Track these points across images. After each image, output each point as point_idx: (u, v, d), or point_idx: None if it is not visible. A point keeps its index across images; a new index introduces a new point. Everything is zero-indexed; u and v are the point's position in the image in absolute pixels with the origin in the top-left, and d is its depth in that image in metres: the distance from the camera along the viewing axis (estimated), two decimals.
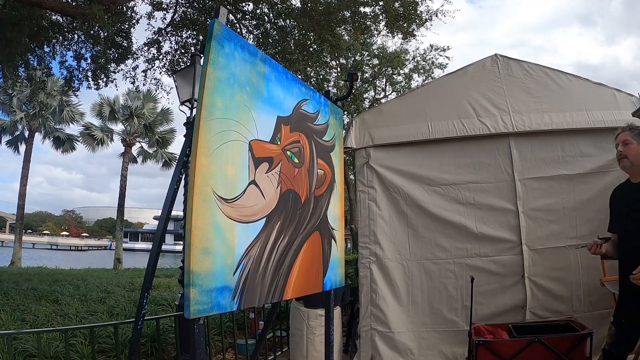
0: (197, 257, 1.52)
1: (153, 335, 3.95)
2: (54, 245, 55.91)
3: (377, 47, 13.81)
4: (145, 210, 78.53)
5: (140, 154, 22.25)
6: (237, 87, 1.81)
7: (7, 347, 2.90)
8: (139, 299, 2.20)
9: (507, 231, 3.54)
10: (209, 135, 1.63)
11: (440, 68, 14.24)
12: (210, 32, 1.69)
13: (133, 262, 22.05)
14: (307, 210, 2.32)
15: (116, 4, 6.37)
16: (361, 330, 3.68)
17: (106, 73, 8.16)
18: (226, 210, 1.69)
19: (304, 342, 3.69)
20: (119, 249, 19.28)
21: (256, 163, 1.90)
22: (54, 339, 3.84)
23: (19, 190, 19.57)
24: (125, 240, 36.70)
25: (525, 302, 3.44)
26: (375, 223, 3.74)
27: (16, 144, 21.28)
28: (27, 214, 30.10)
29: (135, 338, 2.22)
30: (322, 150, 2.53)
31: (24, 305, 5.71)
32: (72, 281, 8.75)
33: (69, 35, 7.55)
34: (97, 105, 20.35)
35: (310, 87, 2.54)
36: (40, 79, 9.06)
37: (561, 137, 3.61)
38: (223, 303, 1.64)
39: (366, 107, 14.19)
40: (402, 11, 7.49)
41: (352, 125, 3.94)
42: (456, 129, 3.68)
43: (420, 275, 3.65)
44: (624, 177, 3.53)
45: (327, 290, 2.53)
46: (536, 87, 3.71)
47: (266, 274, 1.92)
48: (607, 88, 3.74)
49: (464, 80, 3.83)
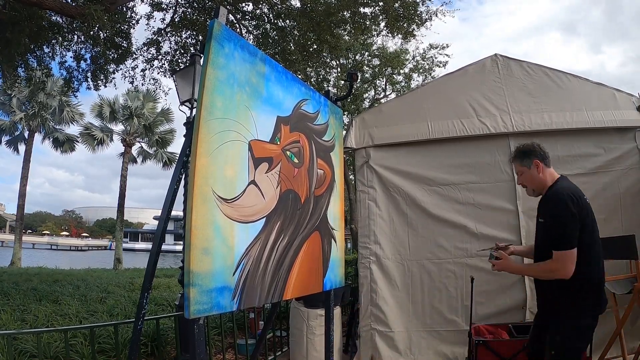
0: (197, 257, 1.52)
1: (153, 335, 3.94)
2: (53, 246, 55.89)
3: (377, 47, 13.83)
4: (145, 210, 78.49)
5: (140, 154, 22.26)
6: (237, 87, 1.81)
7: (7, 347, 2.90)
8: (139, 299, 2.20)
9: (507, 231, 3.54)
10: (209, 135, 1.63)
11: (440, 66, 14.26)
12: (210, 32, 1.69)
13: (133, 262, 22.03)
14: (307, 210, 2.32)
15: (116, 4, 6.37)
16: (361, 330, 3.68)
17: (105, 73, 8.17)
18: (226, 210, 1.69)
19: (304, 342, 3.69)
20: (119, 249, 19.27)
21: (256, 163, 1.91)
22: (54, 339, 3.84)
23: (19, 191, 19.55)
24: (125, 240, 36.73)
25: (525, 302, 3.44)
26: (375, 223, 3.74)
27: (16, 144, 21.29)
28: (27, 214, 30.09)
29: (135, 338, 2.22)
30: (322, 150, 2.53)
31: (24, 305, 5.71)
32: (72, 281, 8.75)
33: (68, 36, 7.55)
34: (97, 105, 20.35)
35: (310, 87, 2.54)
36: (40, 80, 9.07)
37: (561, 137, 3.61)
38: (223, 303, 1.64)
39: (366, 107, 14.19)
40: (402, 11, 7.49)
41: (352, 125, 3.94)
42: (456, 129, 3.68)
43: (420, 275, 3.65)
44: (624, 177, 3.56)
45: (327, 290, 2.53)
46: (536, 87, 3.72)
47: (266, 274, 1.92)
48: (607, 88, 3.74)
49: (463, 80, 3.84)
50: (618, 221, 3.50)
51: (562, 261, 1.93)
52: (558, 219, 1.97)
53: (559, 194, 2.02)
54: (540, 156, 2.16)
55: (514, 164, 2.26)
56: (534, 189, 2.21)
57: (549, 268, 1.99)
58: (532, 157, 2.16)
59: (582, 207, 1.99)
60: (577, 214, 1.95)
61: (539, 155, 2.16)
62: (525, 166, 2.19)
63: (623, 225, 3.44)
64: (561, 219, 1.95)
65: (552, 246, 1.97)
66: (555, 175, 2.17)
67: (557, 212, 1.98)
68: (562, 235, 1.94)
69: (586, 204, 2.03)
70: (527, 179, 2.21)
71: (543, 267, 2.04)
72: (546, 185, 2.14)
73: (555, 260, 1.96)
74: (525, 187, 2.25)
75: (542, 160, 2.15)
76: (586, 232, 1.99)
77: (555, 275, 1.97)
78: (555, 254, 1.96)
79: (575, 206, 1.96)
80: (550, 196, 2.08)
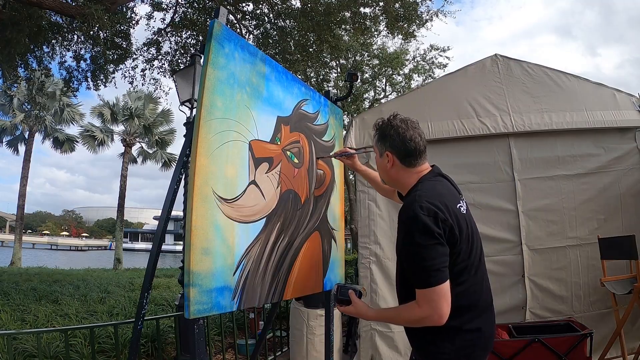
0: (197, 257, 1.52)
1: (153, 335, 3.95)
2: (53, 245, 55.91)
3: (377, 47, 13.83)
4: (145, 211, 78.51)
5: (140, 154, 22.28)
6: (237, 87, 1.81)
7: (7, 347, 2.90)
8: (139, 299, 2.20)
9: (507, 231, 3.54)
10: (209, 136, 1.63)
11: (440, 68, 14.26)
12: (210, 32, 1.69)
13: (133, 262, 22.06)
14: (307, 210, 2.32)
15: (116, 4, 6.37)
16: (361, 330, 3.68)
17: (105, 73, 8.18)
18: (226, 210, 1.69)
19: (304, 342, 3.69)
20: (119, 249, 19.28)
21: (256, 163, 1.90)
22: (54, 339, 3.84)
23: (19, 191, 19.57)
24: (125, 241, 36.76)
25: (525, 302, 3.44)
26: (375, 223, 3.74)
27: (16, 145, 21.31)
28: (26, 214, 30.10)
29: (135, 338, 2.22)
30: (322, 150, 2.52)
31: (24, 305, 5.71)
32: (72, 281, 8.75)
33: (68, 36, 7.56)
34: (97, 108, 20.38)
35: (310, 87, 2.54)
36: (40, 80, 9.08)
37: (561, 137, 3.61)
38: (223, 303, 1.64)
39: (366, 107, 14.19)
40: (403, 12, 7.49)
41: (352, 125, 3.94)
42: (456, 129, 3.68)
43: None
44: (624, 178, 3.56)
45: (327, 290, 2.53)
46: (536, 87, 3.72)
47: (266, 274, 1.92)
48: (607, 88, 3.74)
49: (464, 81, 3.84)
50: (618, 221, 3.50)
51: (430, 302, 1.34)
52: (415, 246, 1.35)
53: (413, 206, 1.37)
54: (398, 149, 1.52)
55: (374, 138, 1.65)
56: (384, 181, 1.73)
57: (416, 316, 1.38)
58: (386, 143, 1.55)
59: (452, 219, 1.38)
60: (444, 232, 1.35)
61: (396, 147, 1.52)
62: (378, 149, 1.61)
63: (623, 226, 3.45)
64: (419, 246, 1.34)
65: (414, 282, 1.38)
66: (424, 171, 1.55)
67: (412, 234, 1.35)
68: (424, 269, 1.33)
69: (458, 212, 1.45)
70: (378, 165, 1.65)
71: (406, 314, 1.43)
72: (404, 185, 1.56)
73: (420, 304, 1.36)
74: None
75: (398, 155, 1.53)
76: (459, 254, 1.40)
77: (425, 324, 1.37)
78: (419, 293, 1.36)
79: (441, 222, 1.35)
80: (405, 207, 1.42)
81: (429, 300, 1.34)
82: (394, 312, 1.56)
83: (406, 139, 1.51)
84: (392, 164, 1.55)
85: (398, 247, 1.45)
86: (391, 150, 1.54)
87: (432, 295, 1.33)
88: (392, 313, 1.60)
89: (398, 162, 1.54)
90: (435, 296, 1.33)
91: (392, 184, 1.67)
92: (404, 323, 1.51)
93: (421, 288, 1.36)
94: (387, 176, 1.61)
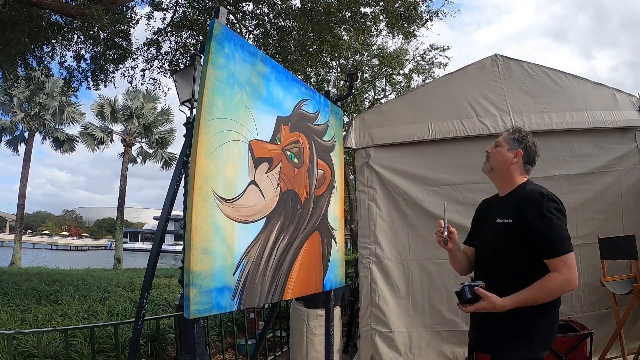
0: (197, 257, 1.52)
1: (153, 335, 3.94)
2: (53, 245, 55.91)
3: (377, 47, 13.83)
4: (145, 210, 78.48)
5: (140, 154, 22.27)
6: (237, 87, 1.81)
7: (7, 347, 2.90)
8: (139, 299, 2.20)
9: None
10: (209, 136, 1.63)
11: (440, 67, 14.26)
12: (210, 32, 1.69)
13: (133, 262, 22.06)
14: (307, 210, 2.32)
15: (116, 4, 6.37)
16: (361, 330, 3.68)
17: (105, 73, 8.18)
18: (226, 210, 1.68)
19: (304, 342, 3.69)
20: (119, 249, 19.26)
21: (256, 163, 1.90)
22: (54, 339, 3.84)
23: (19, 190, 19.55)
24: (125, 241, 36.75)
25: None
26: (375, 223, 3.74)
27: (16, 145, 21.30)
28: (26, 214, 30.11)
29: (135, 338, 2.22)
30: (322, 150, 2.52)
31: (24, 305, 5.71)
32: (72, 281, 8.74)
33: (68, 36, 7.55)
34: (97, 104, 20.35)
35: (310, 87, 2.54)
36: (40, 80, 9.08)
37: (561, 137, 3.61)
38: (223, 303, 1.64)
39: (366, 107, 14.19)
40: (403, 11, 7.49)
41: (352, 125, 3.94)
42: (456, 129, 3.68)
43: (420, 275, 3.65)
44: (624, 178, 3.56)
45: (327, 290, 2.53)
46: (536, 87, 3.71)
47: (266, 274, 1.92)
48: (607, 88, 3.74)
49: (464, 81, 3.83)
50: (618, 221, 3.50)
51: (569, 268, 1.57)
52: (555, 218, 1.62)
53: (544, 191, 1.71)
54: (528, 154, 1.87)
55: (504, 135, 1.95)
56: (492, 167, 1.91)
57: (559, 283, 1.58)
58: (522, 145, 1.88)
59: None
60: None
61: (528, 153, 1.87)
62: (508, 144, 1.89)
63: (623, 226, 3.45)
64: (558, 219, 1.62)
65: (552, 252, 1.60)
66: (526, 178, 1.88)
67: (549, 209, 1.63)
68: (561, 238, 1.60)
69: None
70: (496, 153, 1.91)
71: (550, 284, 1.59)
72: (511, 179, 1.85)
73: (560, 269, 1.57)
74: (486, 160, 1.95)
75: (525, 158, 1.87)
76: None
77: (564, 290, 1.61)
78: (556, 261, 1.58)
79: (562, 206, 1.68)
80: (533, 192, 1.73)
81: (569, 265, 1.58)
82: (534, 288, 1.61)
83: (536, 154, 1.91)
84: (517, 160, 1.86)
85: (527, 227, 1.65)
86: (523, 152, 1.87)
87: (570, 260, 1.58)
88: (532, 290, 1.61)
89: (521, 162, 1.87)
90: (572, 261, 1.59)
91: (500, 173, 1.90)
92: (545, 295, 1.61)
93: (560, 255, 1.59)
94: (505, 166, 1.88)
